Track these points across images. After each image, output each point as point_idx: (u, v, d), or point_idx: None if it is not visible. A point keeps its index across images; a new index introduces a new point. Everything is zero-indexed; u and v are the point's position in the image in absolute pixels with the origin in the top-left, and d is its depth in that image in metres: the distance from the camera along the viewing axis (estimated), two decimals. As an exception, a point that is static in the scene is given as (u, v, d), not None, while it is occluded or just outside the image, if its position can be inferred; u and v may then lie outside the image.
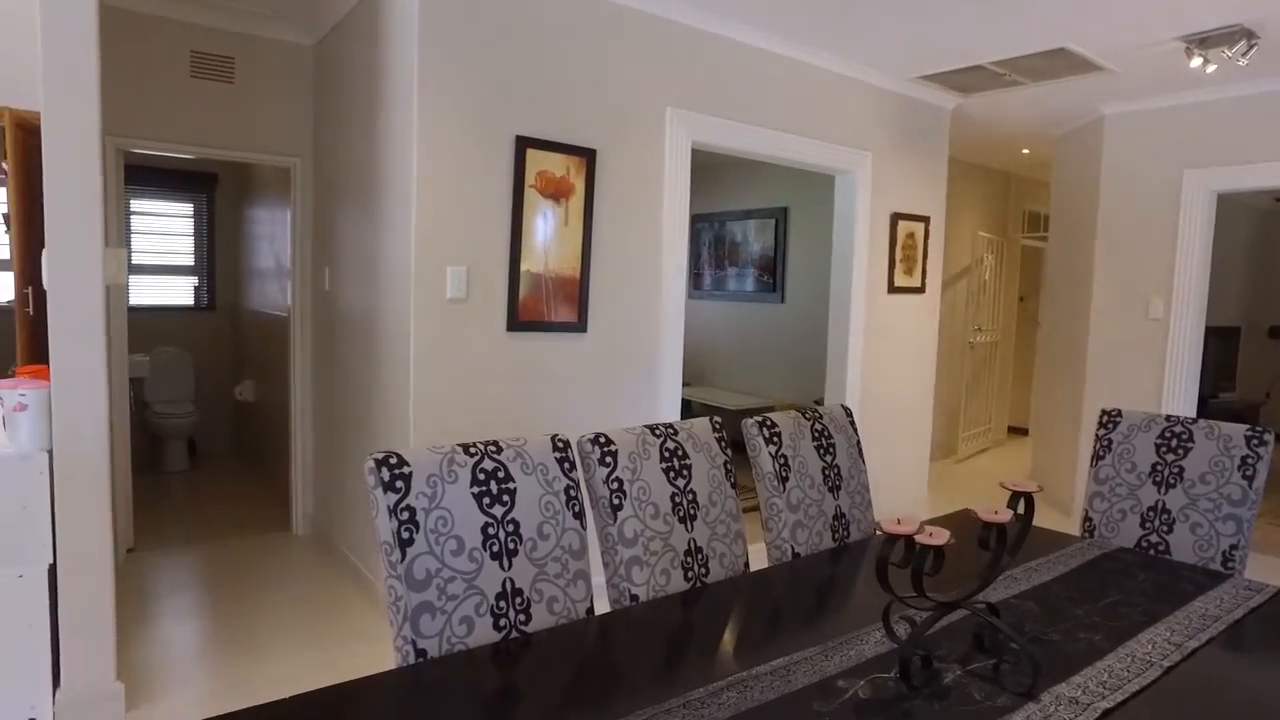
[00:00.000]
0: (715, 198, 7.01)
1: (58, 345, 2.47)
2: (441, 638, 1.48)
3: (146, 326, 5.76)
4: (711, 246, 7.11)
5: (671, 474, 1.90)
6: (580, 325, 3.49)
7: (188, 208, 6.33)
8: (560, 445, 1.74)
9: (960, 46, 4.03)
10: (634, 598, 1.77)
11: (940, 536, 1.44)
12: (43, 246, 3.00)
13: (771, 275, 6.54)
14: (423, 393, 3.11)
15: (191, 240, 6.35)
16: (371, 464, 1.47)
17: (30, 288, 3.37)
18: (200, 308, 6.24)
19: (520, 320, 3.31)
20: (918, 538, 1.43)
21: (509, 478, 1.62)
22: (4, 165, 4.14)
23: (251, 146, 4.15)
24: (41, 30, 2.43)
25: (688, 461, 1.95)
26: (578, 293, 3.47)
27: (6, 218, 4.00)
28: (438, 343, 3.13)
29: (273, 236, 5.09)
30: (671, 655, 1.52)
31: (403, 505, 1.47)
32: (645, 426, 1.92)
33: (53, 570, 2.58)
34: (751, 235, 6.74)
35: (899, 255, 4.92)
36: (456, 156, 3.13)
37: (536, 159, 3.30)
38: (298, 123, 4.25)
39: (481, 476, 1.58)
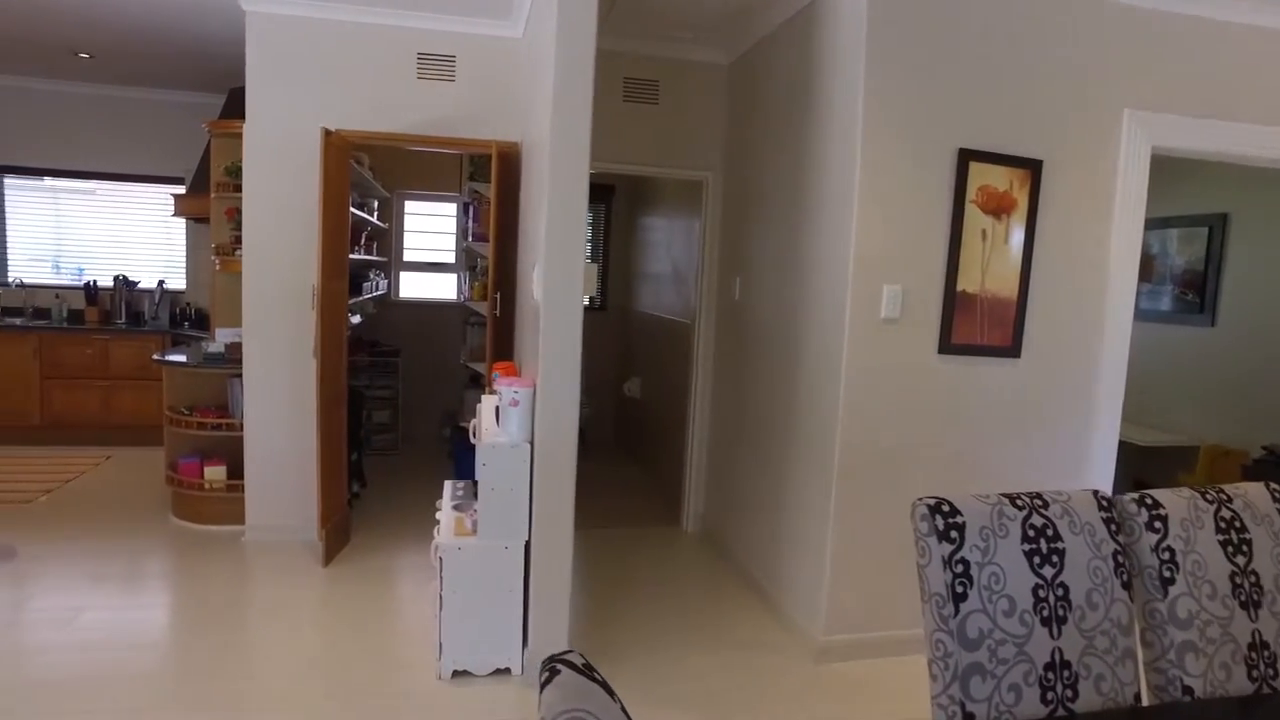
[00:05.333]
0: (1126, 203, 6.14)
1: (547, 350, 2.80)
2: (990, 703, 1.39)
3: (551, 323, 6.48)
4: (1119, 258, 6.26)
5: (1229, 548, 1.62)
6: (1013, 350, 3.22)
7: (588, 216, 7.01)
8: (1104, 504, 1.56)
9: None
10: (1187, 690, 1.54)
11: None
12: (501, 258, 3.43)
13: (1198, 294, 5.58)
14: (852, 411, 3.06)
15: (589, 246, 7.03)
16: (924, 510, 1.42)
17: (499, 293, 3.90)
18: (593, 307, 6.89)
19: (952, 343, 3.13)
20: None
21: (1058, 536, 1.48)
22: (467, 190, 4.90)
23: (670, 162, 4.43)
24: (555, 76, 2.75)
25: (1247, 535, 1.65)
26: (1014, 315, 3.20)
27: (477, 234, 4.71)
28: (868, 362, 3.07)
29: (670, 244, 5.42)
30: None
31: (957, 557, 1.40)
32: (1193, 489, 1.66)
33: (527, 546, 2.95)
34: (1172, 246, 5.82)
35: None
36: (896, 171, 3.03)
37: (979, 172, 3.09)
38: (711, 138, 4.46)
39: (1031, 533, 1.46)
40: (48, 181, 6.33)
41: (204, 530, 4.25)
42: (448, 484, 3.57)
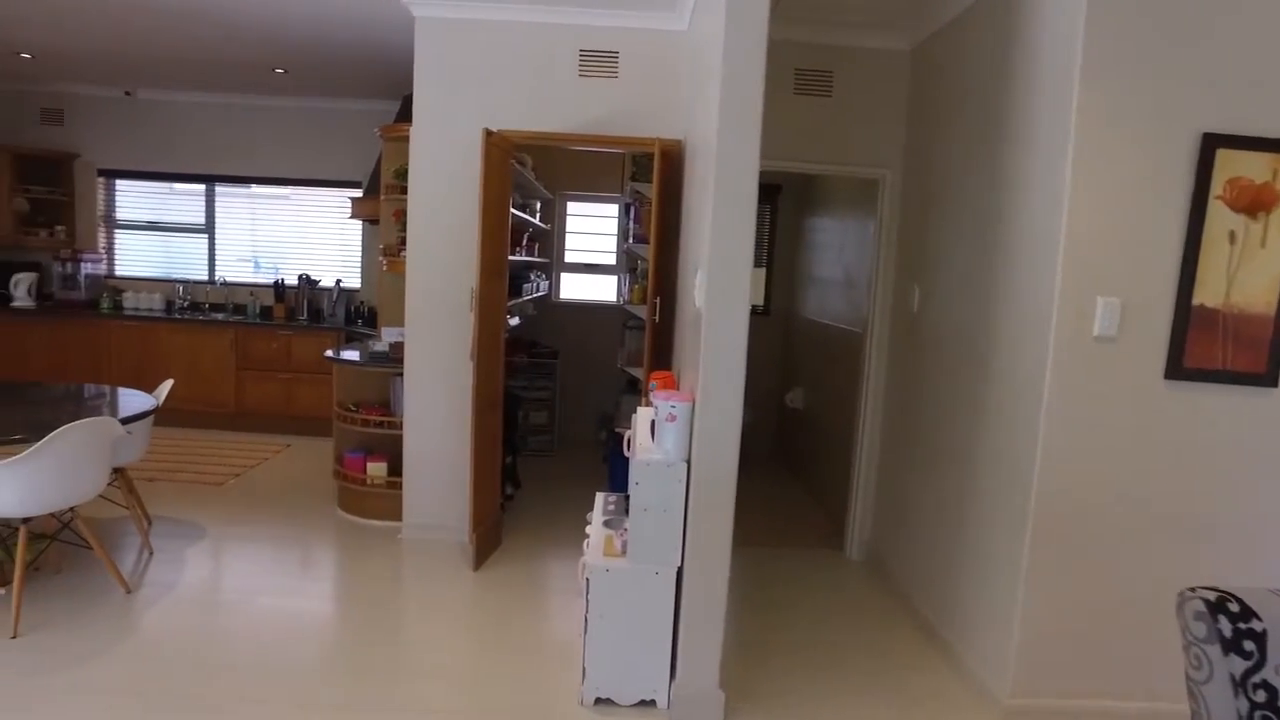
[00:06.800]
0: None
1: (708, 362, 2.57)
2: None
3: (709, 328, 6.25)
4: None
5: None
6: (1268, 377, 2.66)
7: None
8: None
9: None
10: None
11: None
12: (662, 261, 3.24)
13: None
14: (1054, 445, 2.64)
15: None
16: (1200, 606, 1.07)
17: (659, 298, 3.72)
18: (755, 312, 6.59)
19: (1185, 367, 2.63)
20: None
21: (1402, 659, 1.09)
22: (629, 190, 4.77)
23: (844, 159, 4.09)
24: (723, 69, 2.54)
25: None
26: (1270, 334, 2.64)
27: (638, 235, 4.57)
28: (1077, 387, 2.63)
29: (841, 247, 5.06)
30: None
31: (1255, 679, 1.05)
32: None
33: (679, 572, 2.74)
34: None
35: None
36: (1118, 163, 2.57)
37: (1229, 161, 2.57)
38: (889, 133, 4.08)
39: (1361, 651, 1.08)
40: (253, 188, 6.84)
41: (365, 524, 4.37)
42: (599, 496, 3.43)
